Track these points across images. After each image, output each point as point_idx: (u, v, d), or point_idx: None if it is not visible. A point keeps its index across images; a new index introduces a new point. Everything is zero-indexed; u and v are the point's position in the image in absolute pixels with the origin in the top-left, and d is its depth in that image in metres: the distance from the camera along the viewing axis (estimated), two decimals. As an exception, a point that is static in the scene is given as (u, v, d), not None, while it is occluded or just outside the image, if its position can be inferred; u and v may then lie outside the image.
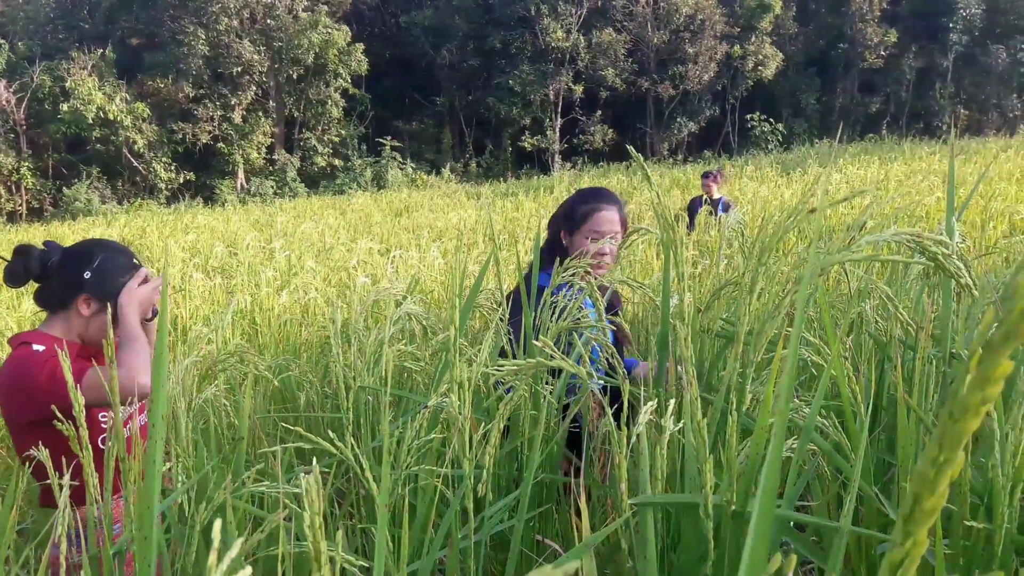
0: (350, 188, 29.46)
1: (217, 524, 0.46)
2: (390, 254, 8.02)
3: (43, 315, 2.02)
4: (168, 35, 30.93)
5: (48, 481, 1.21)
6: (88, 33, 33.97)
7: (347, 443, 1.33)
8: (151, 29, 32.29)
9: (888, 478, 1.45)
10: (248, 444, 1.68)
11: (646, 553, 0.89)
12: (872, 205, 1.10)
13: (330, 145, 33.51)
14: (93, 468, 1.17)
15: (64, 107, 29.19)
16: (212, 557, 0.44)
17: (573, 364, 1.05)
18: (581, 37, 32.19)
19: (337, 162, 33.25)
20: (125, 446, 1.16)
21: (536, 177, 26.89)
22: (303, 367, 3.01)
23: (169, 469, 1.41)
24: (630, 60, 32.54)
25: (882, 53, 33.94)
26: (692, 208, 7.67)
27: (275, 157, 32.77)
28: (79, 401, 1.17)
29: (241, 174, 32.00)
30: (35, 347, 1.86)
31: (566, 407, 1.58)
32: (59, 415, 1.26)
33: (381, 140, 32.03)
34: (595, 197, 2.42)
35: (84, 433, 1.16)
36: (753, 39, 32.56)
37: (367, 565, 0.88)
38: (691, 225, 6.76)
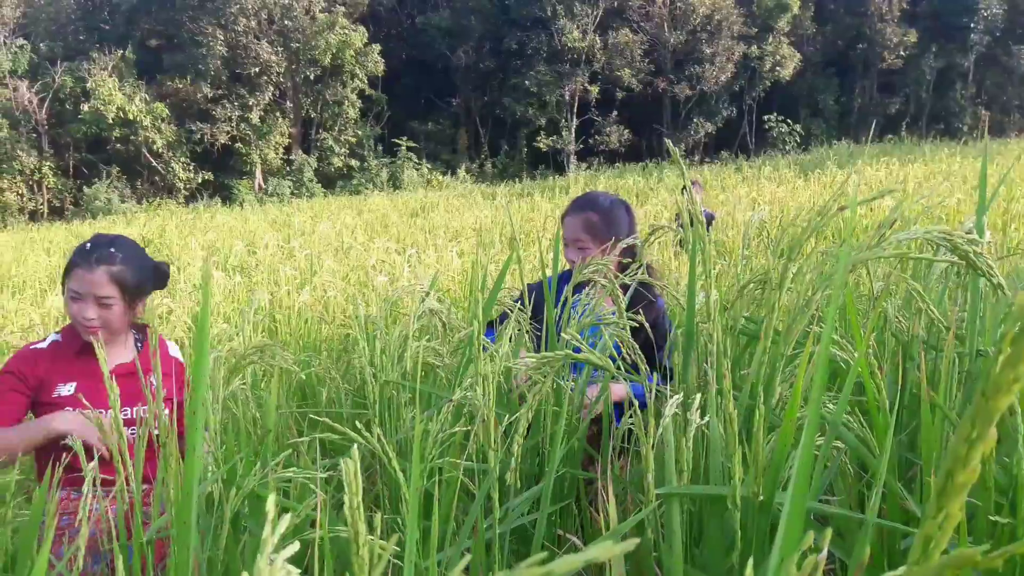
0: (366, 188, 29.59)
1: (271, 498, 0.48)
2: (407, 254, 8.05)
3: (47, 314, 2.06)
4: (187, 36, 31.19)
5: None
6: (108, 34, 34.32)
7: (373, 435, 1.35)
8: (170, 30, 32.58)
9: (910, 476, 1.46)
10: (274, 437, 1.70)
11: (672, 543, 0.90)
12: (900, 204, 1.11)
13: (346, 146, 33.68)
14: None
15: (85, 107, 29.52)
16: (267, 529, 0.46)
17: (601, 358, 1.06)
18: (597, 38, 32.18)
19: (353, 162, 33.41)
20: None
21: (551, 178, 26.88)
22: (324, 364, 3.04)
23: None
24: (647, 60, 32.49)
25: (902, 53, 33.71)
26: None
27: (292, 157, 32.97)
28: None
29: (259, 174, 32.21)
30: (39, 343, 1.95)
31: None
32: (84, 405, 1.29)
33: (397, 141, 32.15)
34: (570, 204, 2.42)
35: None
36: (771, 39, 32.43)
37: (398, 551, 0.90)
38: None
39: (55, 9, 35.04)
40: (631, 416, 1.51)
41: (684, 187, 5.62)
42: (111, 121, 29.30)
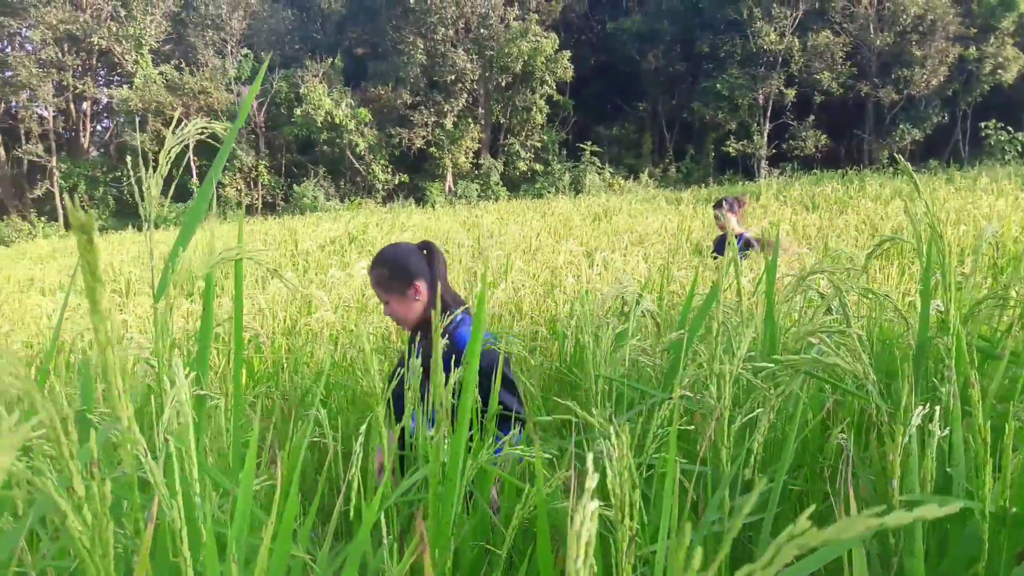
0: (548, 192, 30.08)
1: (590, 455, 0.56)
2: (598, 256, 8.13)
3: None
4: (390, 45, 33.08)
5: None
6: (320, 43, 37.11)
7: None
8: (375, 40, 34.70)
9: None
10: (493, 417, 1.84)
11: (913, 550, 0.91)
12: None
13: (532, 150, 34.40)
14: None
15: (297, 111, 32.06)
16: (590, 466, 0.54)
17: (848, 361, 1.08)
18: (796, 39, 30.86)
19: (538, 167, 34.08)
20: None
21: (740, 183, 26.09)
22: (518, 357, 3.18)
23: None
24: (848, 63, 30.77)
25: None
26: (719, 249, 6.24)
27: (481, 161, 34.10)
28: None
29: (449, 177, 33.60)
30: None
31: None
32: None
33: (581, 145, 32.45)
34: None
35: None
36: (992, 40, 29.69)
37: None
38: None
39: (275, 20, 38.29)
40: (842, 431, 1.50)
41: (719, 202, 5.11)
42: (319, 124, 31.60)
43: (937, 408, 1.08)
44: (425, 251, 2.40)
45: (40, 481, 0.58)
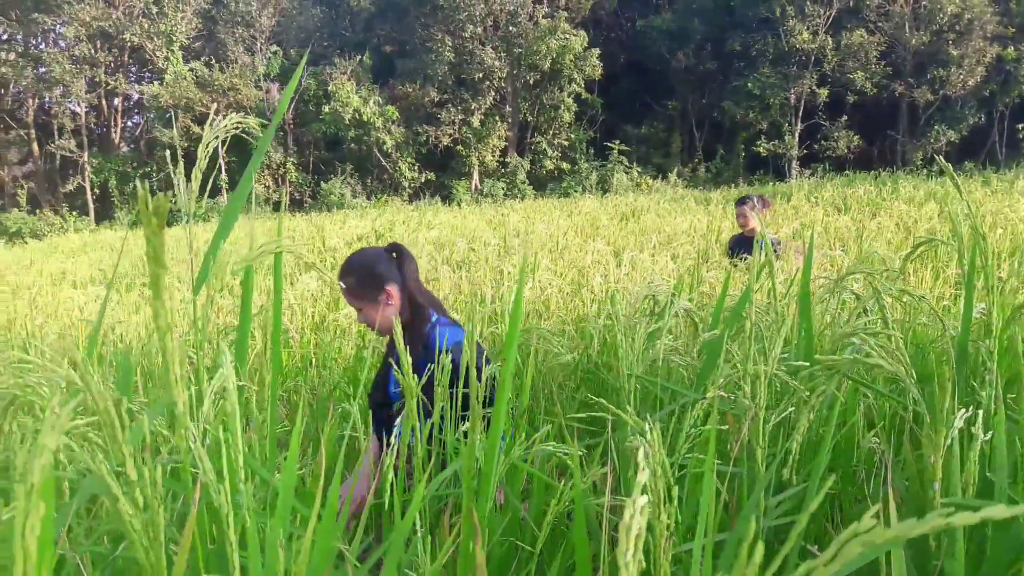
0: (575, 191, 30.00)
1: (641, 450, 0.56)
2: (619, 257, 8.09)
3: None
4: (418, 42, 33.16)
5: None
6: (349, 41, 37.31)
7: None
8: (403, 37, 34.79)
9: None
10: (524, 414, 1.84)
11: (954, 551, 0.90)
12: None
13: (559, 149, 34.32)
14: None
15: (325, 109, 32.24)
16: (639, 473, 0.54)
17: (891, 362, 1.07)
18: (829, 38, 30.48)
19: (565, 165, 33.99)
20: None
21: (771, 184, 25.84)
22: (549, 355, 3.17)
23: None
24: (883, 63, 30.34)
25: None
26: (740, 247, 5.86)
27: (507, 160, 34.08)
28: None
29: (476, 175, 33.62)
30: None
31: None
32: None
33: (609, 144, 32.32)
34: None
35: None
36: (1032, 39, 29.18)
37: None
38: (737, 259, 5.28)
39: (304, 18, 38.56)
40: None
41: (743, 199, 4.90)
42: (347, 122, 31.75)
43: (979, 411, 1.06)
44: (394, 254, 2.36)
45: (95, 463, 0.59)
